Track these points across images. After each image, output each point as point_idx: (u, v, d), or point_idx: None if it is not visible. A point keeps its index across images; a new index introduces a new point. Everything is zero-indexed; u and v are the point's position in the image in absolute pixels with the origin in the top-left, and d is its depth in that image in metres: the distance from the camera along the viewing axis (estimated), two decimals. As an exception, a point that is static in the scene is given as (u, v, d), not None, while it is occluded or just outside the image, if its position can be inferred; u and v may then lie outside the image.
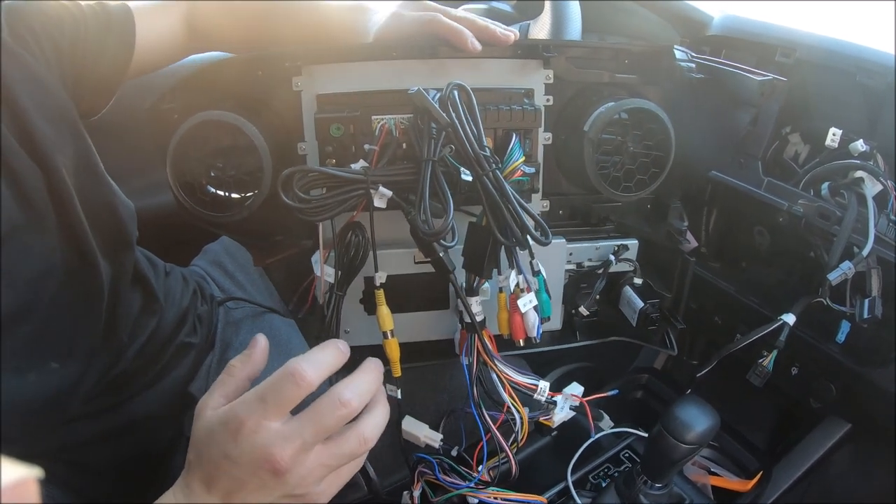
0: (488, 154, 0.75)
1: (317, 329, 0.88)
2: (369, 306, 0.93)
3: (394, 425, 0.98)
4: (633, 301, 1.04)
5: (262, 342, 0.74)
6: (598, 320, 1.08)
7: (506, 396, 0.83)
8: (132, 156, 1.11)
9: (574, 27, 1.21)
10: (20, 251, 0.68)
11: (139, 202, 0.94)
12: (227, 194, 0.86)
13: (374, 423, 0.69)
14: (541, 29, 1.23)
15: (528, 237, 0.76)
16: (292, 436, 0.62)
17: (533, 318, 0.83)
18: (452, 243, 0.76)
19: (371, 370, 0.71)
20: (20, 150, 0.68)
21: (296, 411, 0.64)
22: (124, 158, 1.05)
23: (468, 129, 0.74)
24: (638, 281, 1.05)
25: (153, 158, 0.88)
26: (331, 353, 0.68)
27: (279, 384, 0.64)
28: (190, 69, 0.90)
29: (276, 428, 0.62)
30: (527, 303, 0.82)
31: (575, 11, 1.21)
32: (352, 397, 0.65)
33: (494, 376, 0.84)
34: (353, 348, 0.93)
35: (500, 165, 0.77)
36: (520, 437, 0.86)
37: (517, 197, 0.75)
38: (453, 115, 0.74)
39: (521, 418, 0.84)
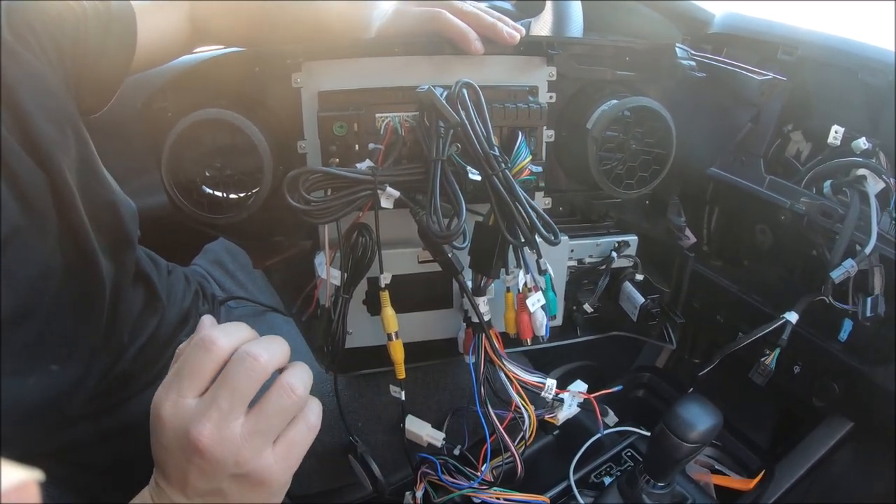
0: (497, 153, 0.75)
1: (322, 332, 0.87)
2: (373, 307, 0.92)
3: (396, 425, 0.98)
4: (634, 296, 1.04)
5: (206, 322, 0.69)
6: (598, 316, 1.08)
7: (514, 395, 0.83)
8: (133, 155, 1.10)
9: (576, 25, 1.21)
10: (21, 253, 0.67)
11: (141, 202, 0.93)
12: (224, 195, 0.85)
13: (296, 373, 0.65)
14: (542, 27, 1.23)
15: (537, 236, 0.75)
16: (207, 408, 0.59)
17: (541, 317, 0.83)
18: (464, 245, 0.76)
19: (275, 336, 0.67)
20: (21, 152, 0.67)
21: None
22: (126, 158, 1.04)
23: (477, 127, 0.74)
24: (639, 276, 1.05)
25: (147, 156, 0.87)
26: (240, 325, 0.66)
27: (190, 356, 0.62)
28: (182, 67, 0.89)
29: (192, 404, 0.60)
30: (535, 302, 0.82)
31: (576, 9, 1.21)
32: (259, 351, 0.61)
33: (502, 375, 0.83)
34: (356, 350, 0.94)
35: (508, 165, 0.76)
36: (528, 436, 0.85)
37: (526, 196, 0.75)
38: (462, 113, 0.73)
39: (530, 417, 0.84)
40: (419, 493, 0.94)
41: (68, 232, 0.74)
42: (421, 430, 0.94)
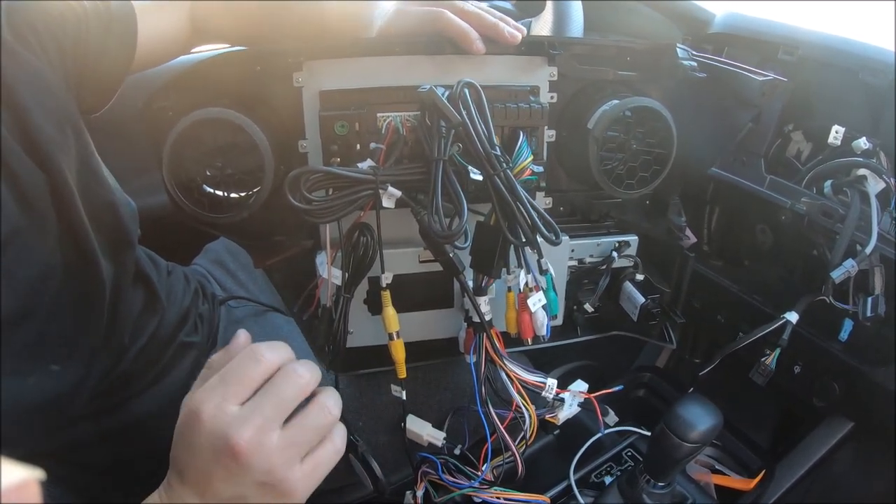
0: (499, 153, 0.75)
1: (323, 332, 0.87)
2: (374, 306, 0.92)
3: (397, 424, 0.98)
4: (634, 296, 1.04)
5: (242, 337, 0.72)
6: (598, 316, 1.09)
7: (515, 395, 0.83)
8: (134, 155, 1.10)
9: (576, 25, 1.21)
10: (21, 253, 0.67)
11: (141, 201, 0.92)
12: (225, 194, 0.84)
13: (331, 395, 0.68)
14: (543, 27, 1.23)
15: (539, 236, 0.75)
16: (251, 416, 0.61)
17: (542, 317, 0.83)
18: (465, 245, 0.76)
19: (309, 361, 0.69)
20: (21, 152, 0.67)
21: None
22: (126, 157, 1.04)
23: (479, 127, 0.74)
24: (639, 276, 1.05)
25: (148, 155, 0.87)
26: (283, 344, 0.69)
27: (238, 364, 0.64)
28: (183, 66, 0.89)
29: (235, 410, 0.61)
30: (536, 301, 0.82)
31: (577, 9, 1.21)
32: (304, 370, 0.65)
33: (503, 375, 0.83)
34: (357, 349, 0.94)
35: (510, 164, 0.76)
36: (528, 436, 0.85)
37: (528, 196, 0.75)
38: (464, 113, 0.73)
39: (531, 416, 0.84)
40: (420, 493, 0.94)
41: (68, 232, 0.73)
42: (422, 429, 0.94)
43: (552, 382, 0.84)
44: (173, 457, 0.65)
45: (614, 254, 1.02)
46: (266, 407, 0.61)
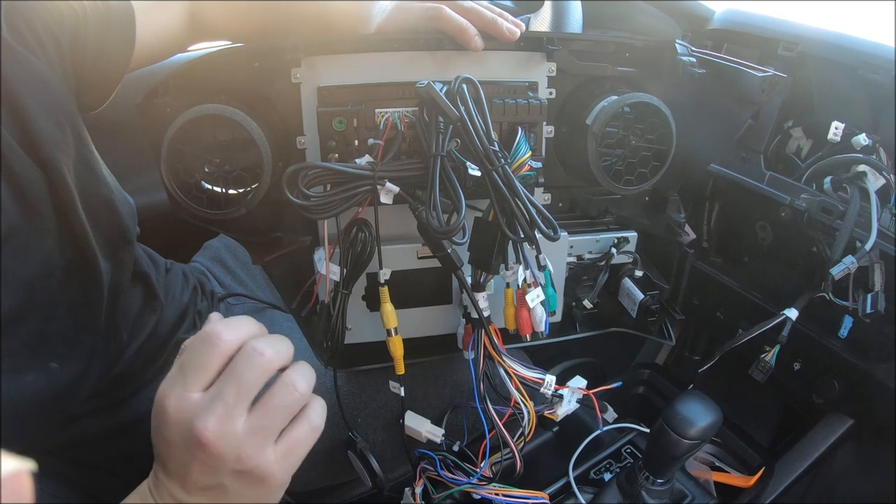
0: (497, 149, 0.75)
1: (321, 328, 0.87)
2: (372, 303, 0.92)
3: (396, 421, 0.98)
4: (633, 293, 1.04)
5: (214, 317, 0.69)
6: (597, 312, 1.09)
7: (514, 391, 0.83)
8: (132, 153, 1.10)
9: (575, 21, 1.20)
10: (19, 252, 0.67)
11: (140, 199, 0.92)
12: (223, 191, 0.84)
13: (298, 370, 0.64)
14: (541, 23, 1.22)
15: (537, 232, 0.75)
16: (212, 404, 0.58)
17: (540, 313, 0.83)
18: (463, 240, 0.76)
19: (279, 335, 0.66)
20: (20, 151, 0.67)
21: None
22: (125, 155, 1.04)
23: (477, 123, 0.74)
24: (638, 273, 1.05)
25: (147, 153, 0.87)
26: (247, 320, 0.65)
27: (195, 349, 0.61)
28: (181, 62, 0.89)
29: (197, 398, 0.59)
30: (534, 297, 0.82)
31: (575, 5, 1.21)
32: (265, 347, 0.61)
33: (502, 371, 0.83)
34: (355, 345, 0.94)
35: (508, 160, 0.76)
36: (527, 432, 0.85)
37: (526, 192, 0.75)
38: (462, 109, 0.74)
39: (529, 413, 0.84)
40: (418, 489, 0.94)
41: (67, 230, 0.73)
42: (420, 426, 0.94)
43: (551, 379, 0.84)
44: (154, 449, 0.64)
45: (613, 250, 1.02)
46: (227, 393, 0.59)
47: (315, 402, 0.66)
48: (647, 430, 1.07)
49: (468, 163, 0.77)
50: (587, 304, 1.04)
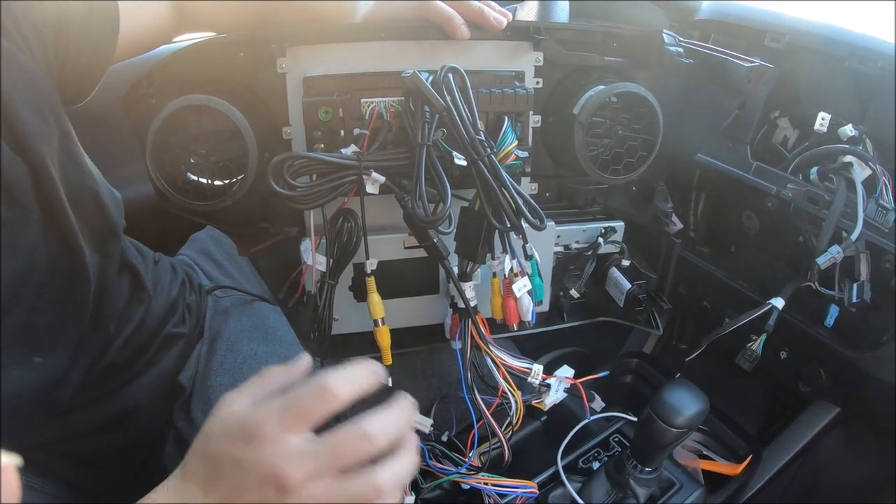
0: (483, 138, 0.74)
1: (308, 319, 0.87)
2: (359, 293, 0.92)
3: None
4: (621, 282, 1.04)
5: (305, 362, 0.67)
6: (585, 302, 1.09)
7: (501, 380, 0.83)
8: (118, 145, 1.09)
9: (562, 11, 1.20)
10: (3, 246, 0.67)
11: (126, 192, 0.92)
12: (209, 182, 0.84)
13: (395, 473, 0.61)
14: (528, 13, 1.22)
15: (523, 221, 0.75)
16: (308, 457, 0.58)
17: (527, 303, 0.83)
18: (449, 230, 0.76)
19: (404, 408, 0.64)
20: (3, 145, 0.66)
21: None
22: (110, 148, 1.03)
23: (463, 112, 0.74)
24: (625, 262, 1.06)
25: (134, 146, 0.86)
26: (364, 373, 0.63)
27: (307, 396, 0.60)
28: (165, 53, 0.88)
29: (295, 443, 0.59)
30: (521, 287, 0.82)
31: (563, -5, 1.21)
32: (378, 434, 0.60)
33: (489, 360, 0.83)
34: (342, 336, 0.94)
35: (494, 150, 0.76)
36: (515, 422, 0.85)
37: (512, 181, 0.75)
38: (448, 98, 0.73)
39: (517, 402, 0.84)
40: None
41: (52, 223, 0.73)
42: (408, 416, 0.94)
43: (538, 368, 0.84)
44: (198, 458, 0.63)
45: (600, 240, 1.02)
46: (324, 456, 0.58)
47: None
48: (635, 419, 1.07)
49: (454, 152, 0.77)
50: (574, 293, 1.05)
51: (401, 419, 0.63)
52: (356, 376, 0.62)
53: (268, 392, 0.63)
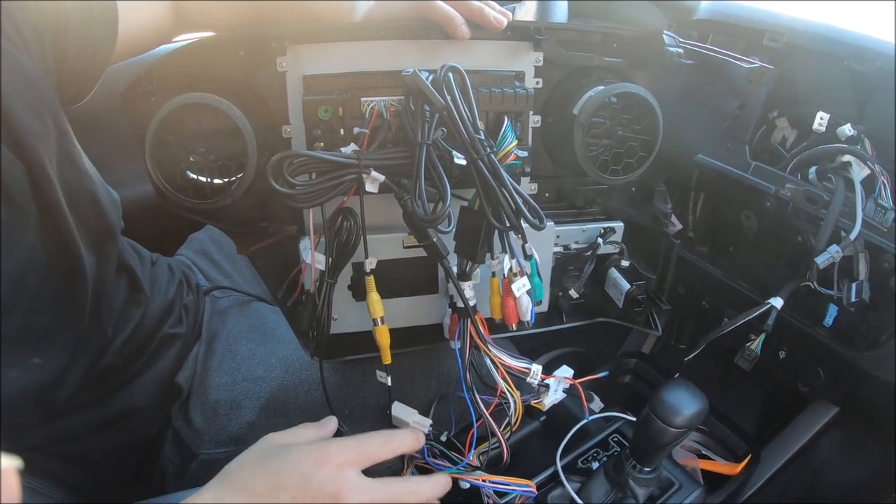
0: (483, 137, 0.74)
1: (307, 318, 0.87)
2: (358, 293, 0.92)
3: (383, 411, 0.98)
4: (620, 283, 1.04)
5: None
6: (584, 302, 1.09)
7: (500, 380, 0.83)
8: (117, 145, 1.09)
9: (560, 11, 1.20)
10: (1, 247, 0.67)
11: (124, 192, 0.92)
12: (209, 180, 0.84)
13: None
14: (526, 13, 1.22)
15: (523, 221, 0.75)
16: (366, 490, 0.70)
17: (526, 303, 0.83)
18: (449, 229, 0.76)
19: (444, 482, 0.81)
20: (1, 145, 0.66)
21: None
22: (109, 148, 1.03)
23: (463, 111, 0.73)
24: (625, 263, 1.05)
25: (133, 146, 0.86)
26: (412, 439, 0.81)
27: (378, 443, 0.75)
28: (165, 52, 0.88)
29: (356, 475, 0.70)
30: (520, 287, 0.82)
31: (561, -5, 1.21)
32: (427, 496, 0.76)
33: (488, 360, 0.83)
34: (341, 335, 0.94)
35: (494, 149, 0.76)
36: (513, 422, 0.85)
37: (512, 181, 0.75)
38: (448, 97, 0.73)
39: (516, 402, 0.84)
40: (407, 478, 0.94)
41: (49, 224, 0.73)
42: (408, 416, 0.93)
43: (537, 368, 0.84)
44: (259, 472, 0.70)
45: (600, 240, 1.02)
46: (379, 496, 0.71)
47: None
48: (634, 419, 1.07)
49: (454, 151, 0.76)
50: (573, 293, 1.04)
51: (436, 488, 0.79)
52: (406, 438, 0.80)
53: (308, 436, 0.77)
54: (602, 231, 1.03)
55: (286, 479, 0.68)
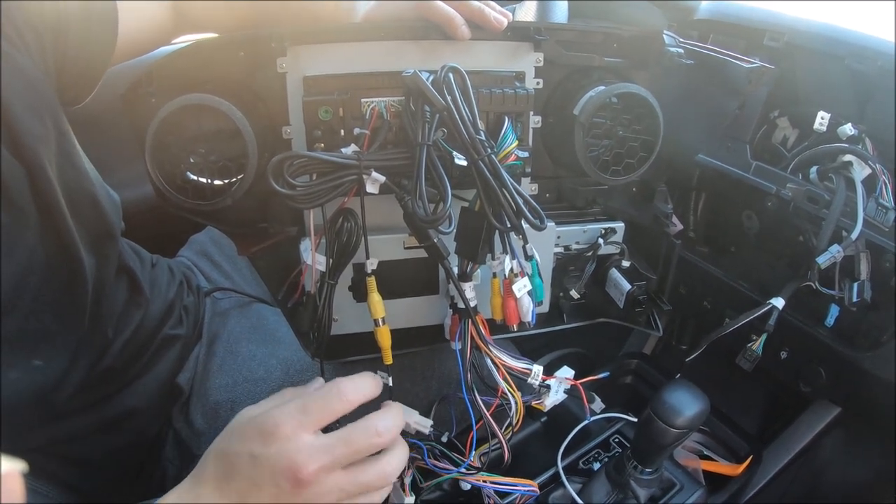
0: (483, 138, 0.74)
1: (308, 319, 0.87)
2: (358, 293, 0.91)
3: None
4: (621, 283, 1.04)
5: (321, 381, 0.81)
6: (585, 303, 1.08)
7: (501, 381, 0.82)
8: (117, 147, 1.09)
9: (560, 11, 1.20)
10: (1, 249, 0.67)
11: (125, 193, 0.92)
12: (209, 181, 0.84)
13: (396, 461, 0.72)
14: (526, 13, 1.22)
15: (524, 222, 0.75)
16: (323, 451, 0.64)
17: (527, 303, 0.83)
18: (449, 230, 0.76)
19: (398, 409, 0.77)
20: (1, 147, 0.66)
21: None
22: (109, 149, 1.03)
23: (463, 112, 0.73)
24: (626, 263, 1.05)
25: (133, 147, 0.86)
26: (370, 382, 0.73)
27: (322, 399, 0.68)
28: (165, 52, 0.88)
29: (310, 440, 0.65)
30: (521, 287, 0.82)
31: (561, -5, 1.21)
32: (385, 430, 0.69)
33: (489, 361, 0.83)
34: (342, 337, 0.94)
35: (495, 150, 0.76)
36: (514, 422, 0.85)
37: (512, 182, 0.75)
38: (448, 98, 0.73)
39: (517, 403, 0.84)
40: (408, 479, 0.93)
41: (49, 226, 0.73)
42: (408, 417, 0.93)
43: (538, 369, 0.84)
44: (215, 457, 0.67)
45: (600, 240, 1.02)
46: (338, 449, 0.65)
47: (388, 486, 0.74)
48: (635, 420, 1.07)
49: (454, 152, 0.76)
50: (574, 294, 1.04)
51: (397, 417, 0.74)
52: (364, 384, 0.71)
53: (282, 401, 0.70)
54: (603, 231, 1.03)
55: (237, 462, 0.65)
